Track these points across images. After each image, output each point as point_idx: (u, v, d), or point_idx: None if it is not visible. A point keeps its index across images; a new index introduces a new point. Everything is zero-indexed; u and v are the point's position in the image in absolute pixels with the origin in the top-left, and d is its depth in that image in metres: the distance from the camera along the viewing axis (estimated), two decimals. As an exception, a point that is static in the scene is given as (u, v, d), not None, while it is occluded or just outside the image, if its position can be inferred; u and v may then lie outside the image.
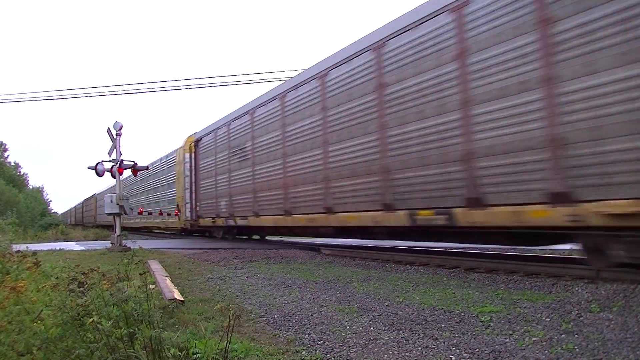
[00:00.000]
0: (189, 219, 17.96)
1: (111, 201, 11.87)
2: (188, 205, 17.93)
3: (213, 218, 15.42)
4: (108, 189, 32.16)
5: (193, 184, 17.42)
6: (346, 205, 8.86)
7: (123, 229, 29.00)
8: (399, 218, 7.55)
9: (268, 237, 15.86)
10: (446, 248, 9.81)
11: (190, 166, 17.64)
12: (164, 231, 25.85)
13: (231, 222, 14.05)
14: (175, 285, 5.44)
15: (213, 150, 15.59)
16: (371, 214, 8.16)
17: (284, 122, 11.05)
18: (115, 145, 12.15)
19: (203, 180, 16.43)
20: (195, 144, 17.36)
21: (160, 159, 23.34)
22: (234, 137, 13.96)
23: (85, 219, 50.09)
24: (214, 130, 15.58)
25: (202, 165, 16.58)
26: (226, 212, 14.38)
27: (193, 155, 17.46)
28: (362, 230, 9.29)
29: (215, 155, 15.40)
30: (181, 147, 19.16)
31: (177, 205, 19.29)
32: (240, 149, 13.41)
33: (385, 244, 10.85)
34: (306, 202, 10.08)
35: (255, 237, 15.79)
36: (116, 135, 12.12)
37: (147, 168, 16.05)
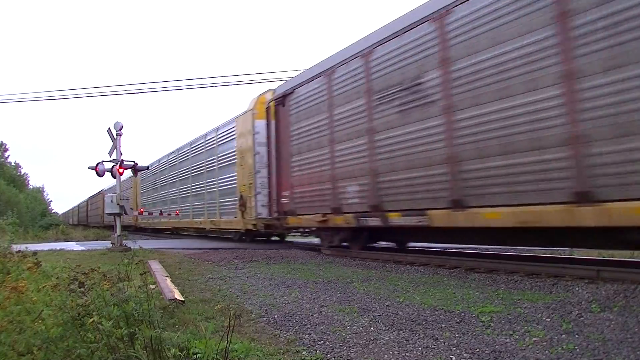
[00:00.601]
0: (263, 216, 12.43)
1: (111, 201, 11.89)
2: (260, 197, 12.50)
3: (324, 214, 9.60)
4: (115, 186, 27.90)
5: (273, 163, 11.75)
6: None
7: (141, 230, 27.48)
8: None
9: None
10: (446, 248, 9.81)
11: (268, 137, 11.96)
12: (212, 234, 18.76)
13: (373, 221, 8.38)
14: (175, 286, 5.44)
15: (324, 103, 9.64)
16: None
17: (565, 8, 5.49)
18: (115, 145, 12.17)
19: (298, 155, 10.56)
20: (279, 102, 11.40)
21: (205, 135, 17.15)
22: (383, 72, 8.10)
23: (90, 219, 44.90)
24: (326, 72, 9.64)
25: (297, 133, 10.62)
26: (363, 203, 8.59)
27: (273, 120, 11.75)
28: None
29: (329, 112, 9.46)
30: (248, 110, 13.42)
31: (241, 197, 13.51)
32: (407, 89, 7.53)
33: (384, 244, 10.83)
34: None
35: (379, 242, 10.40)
36: (116, 135, 12.14)
37: (147, 168, 15.93)
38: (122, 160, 12.19)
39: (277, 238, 15.03)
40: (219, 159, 15.71)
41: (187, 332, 3.30)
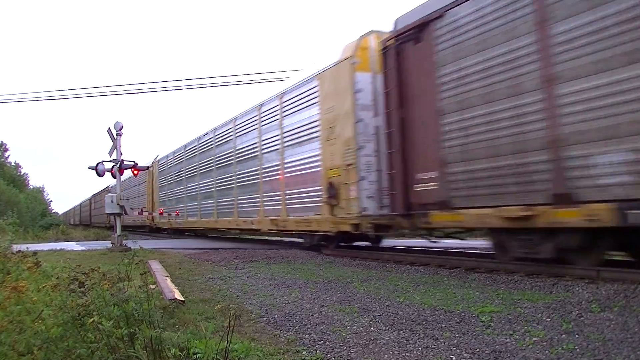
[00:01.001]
0: (370, 212, 8.60)
1: (111, 201, 11.89)
2: (366, 183, 8.67)
3: (528, 206, 5.71)
4: (125, 180, 19.80)
5: (395, 131, 7.78)
6: None
7: (157, 231, 24.58)
8: None
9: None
10: (447, 248, 9.80)
11: (387, 95, 8.02)
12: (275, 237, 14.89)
13: None
14: (175, 285, 5.44)
15: (523, 19, 5.76)
16: None
17: None
18: (115, 145, 12.18)
19: (460, 111, 6.64)
20: (410, 37, 7.52)
21: (260, 106, 12.44)
22: None
23: (93, 219, 42.20)
24: None
25: (454, 77, 6.74)
26: None
27: (394, 68, 7.79)
28: None
29: (540, 31, 5.57)
30: (343, 60, 9.17)
31: (330, 186, 9.32)
32: None
33: (385, 243, 10.83)
34: None
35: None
36: (117, 135, 12.16)
37: (147, 168, 15.94)
38: (122, 160, 12.21)
39: (368, 243, 10.59)
40: (286, 135, 11.15)
41: (187, 332, 3.30)
